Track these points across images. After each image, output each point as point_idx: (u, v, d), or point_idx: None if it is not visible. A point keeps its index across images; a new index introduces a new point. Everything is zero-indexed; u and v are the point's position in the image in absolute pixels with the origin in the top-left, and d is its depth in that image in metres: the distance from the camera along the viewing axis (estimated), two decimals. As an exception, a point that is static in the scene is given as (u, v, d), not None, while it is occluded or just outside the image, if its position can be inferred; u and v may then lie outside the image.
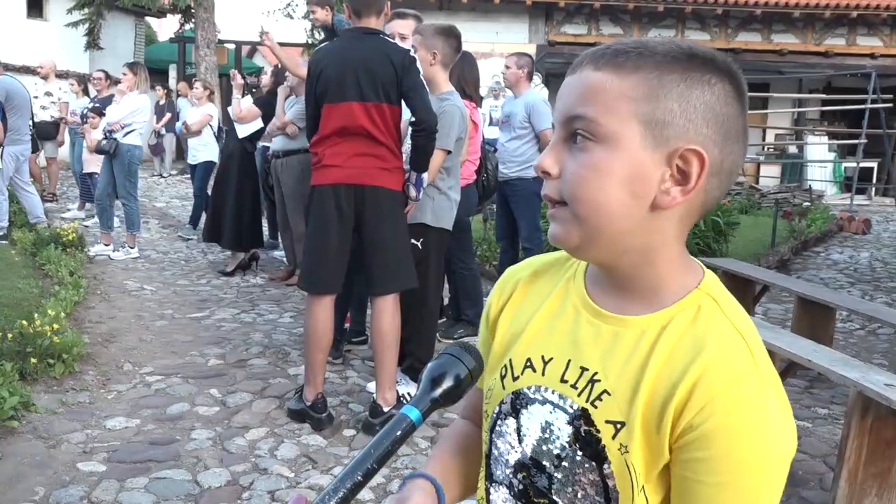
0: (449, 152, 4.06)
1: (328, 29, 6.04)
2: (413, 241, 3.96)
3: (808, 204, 12.59)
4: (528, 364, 0.98)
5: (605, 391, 0.89)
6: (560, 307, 0.99)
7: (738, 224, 8.47)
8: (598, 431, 0.89)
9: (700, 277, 0.93)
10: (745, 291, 5.63)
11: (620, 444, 0.88)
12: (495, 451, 1.00)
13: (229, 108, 7.02)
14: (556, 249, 1.02)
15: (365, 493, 3.04)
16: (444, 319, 5.48)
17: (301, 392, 3.86)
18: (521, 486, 0.97)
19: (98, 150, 7.82)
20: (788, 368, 3.86)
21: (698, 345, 0.86)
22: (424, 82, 3.79)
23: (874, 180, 16.12)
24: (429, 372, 0.90)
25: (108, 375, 4.43)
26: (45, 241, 7.18)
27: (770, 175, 16.45)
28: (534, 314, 1.01)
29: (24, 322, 4.39)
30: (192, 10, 15.79)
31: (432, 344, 4.28)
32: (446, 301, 5.58)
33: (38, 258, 6.83)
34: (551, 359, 0.96)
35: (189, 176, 10.48)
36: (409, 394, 4.06)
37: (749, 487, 0.83)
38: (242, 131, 6.91)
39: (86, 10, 17.24)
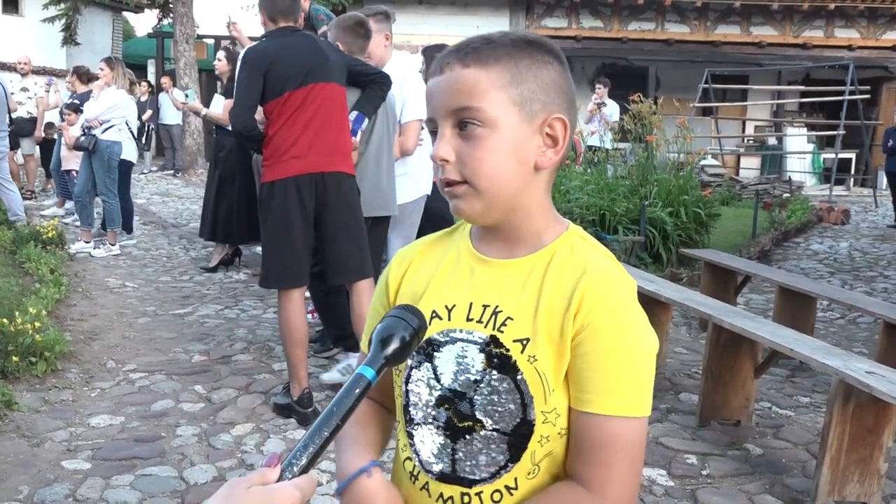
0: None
1: (305, 18, 6.03)
2: None
3: (788, 195, 12.69)
4: (434, 315, 1.13)
5: (508, 318, 1.08)
6: (454, 266, 1.17)
7: (720, 215, 8.53)
8: (507, 350, 1.07)
9: (567, 226, 1.15)
10: (727, 282, 5.67)
11: (529, 356, 1.06)
12: (413, 398, 1.15)
13: (211, 110, 6.94)
14: None
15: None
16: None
17: (288, 387, 3.86)
18: (445, 418, 1.11)
19: (76, 146, 7.75)
20: (771, 357, 3.89)
21: (581, 266, 1.08)
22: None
23: (852, 171, 16.27)
24: (377, 334, 0.99)
25: (90, 373, 4.40)
26: (24, 238, 7.11)
27: (750, 167, 16.57)
28: (431, 276, 1.18)
29: (5, 320, 4.35)
30: (171, 5, 15.65)
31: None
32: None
33: (17, 256, 6.76)
34: (454, 305, 1.13)
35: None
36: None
37: (628, 369, 1.04)
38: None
39: (62, 6, 17.05)
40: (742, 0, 15.69)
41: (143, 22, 25.08)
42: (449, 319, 1.12)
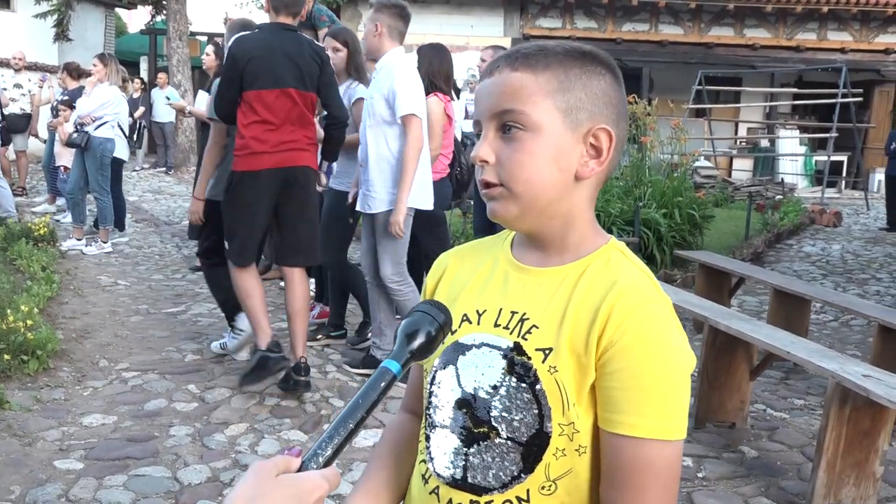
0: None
1: (307, 17, 6.02)
2: None
3: (781, 197, 12.72)
4: (465, 318, 1.13)
5: (533, 325, 1.06)
6: (490, 272, 1.16)
7: (713, 217, 8.54)
8: (529, 358, 1.05)
9: (608, 238, 1.12)
10: (722, 284, 5.68)
11: (550, 366, 1.03)
12: (434, 400, 1.13)
13: (195, 106, 6.91)
14: None
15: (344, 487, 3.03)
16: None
17: (255, 349, 4.06)
18: (462, 422, 1.09)
19: (69, 143, 7.70)
20: (766, 360, 3.89)
21: (611, 279, 1.05)
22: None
23: (844, 173, 16.33)
24: (403, 328, 0.98)
25: (83, 372, 4.37)
26: (16, 235, 7.06)
27: (742, 168, 16.62)
28: (467, 281, 1.18)
29: (-3, 318, 4.32)
30: (164, 2, 15.58)
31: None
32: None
33: (9, 253, 6.71)
34: (485, 310, 1.12)
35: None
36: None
37: (661, 390, 0.99)
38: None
39: (54, 1, 16.93)
40: (736, 2, 15.70)
41: (136, 18, 24.98)
42: (478, 324, 1.12)
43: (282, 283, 6.44)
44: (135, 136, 9.02)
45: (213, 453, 3.43)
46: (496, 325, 1.10)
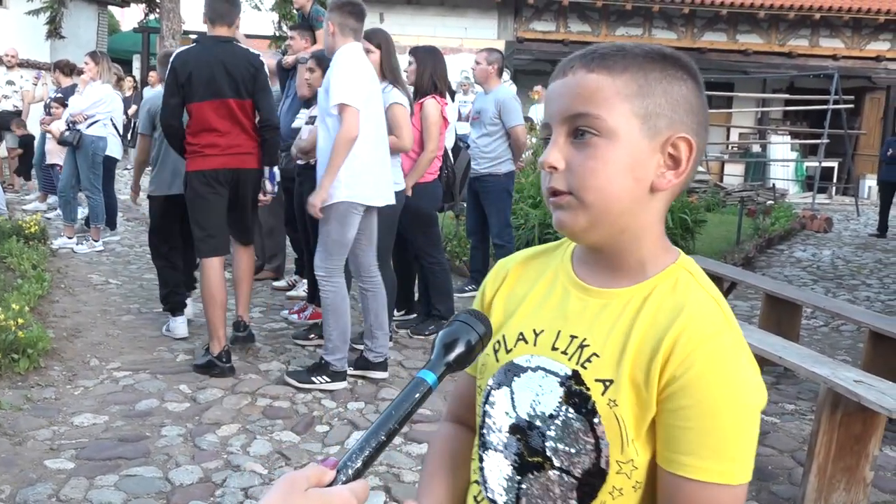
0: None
1: (303, 17, 6.02)
2: None
3: (772, 202, 12.76)
4: (521, 337, 1.06)
5: (594, 354, 0.99)
6: (550, 287, 1.09)
7: (706, 222, 8.56)
8: (588, 389, 0.98)
9: (677, 256, 1.05)
10: (713, 288, 5.69)
11: (609, 399, 0.96)
12: (489, 421, 1.08)
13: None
14: (526, 245, 1.07)
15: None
16: (415, 315, 5.46)
17: (207, 348, 4.38)
18: (516, 449, 1.04)
19: (61, 141, 7.67)
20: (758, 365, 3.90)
21: (678, 307, 0.97)
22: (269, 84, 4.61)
23: (835, 179, 16.41)
24: (441, 338, 0.95)
25: (74, 371, 4.35)
26: (6, 233, 7.02)
27: (734, 173, 16.67)
28: (525, 295, 1.11)
29: (-12, 316, 4.29)
30: (157, 0, 15.54)
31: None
32: (417, 296, 5.57)
33: (-1, 251, 6.68)
34: (542, 331, 1.05)
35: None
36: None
37: (729, 430, 0.92)
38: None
39: (47, -2, 16.87)
40: (729, 8, 15.77)
41: (129, 16, 24.89)
42: (535, 345, 1.05)
43: (275, 283, 6.47)
44: (129, 135, 8.99)
45: (205, 454, 3.42)
46: (554, 349, 1.03)
